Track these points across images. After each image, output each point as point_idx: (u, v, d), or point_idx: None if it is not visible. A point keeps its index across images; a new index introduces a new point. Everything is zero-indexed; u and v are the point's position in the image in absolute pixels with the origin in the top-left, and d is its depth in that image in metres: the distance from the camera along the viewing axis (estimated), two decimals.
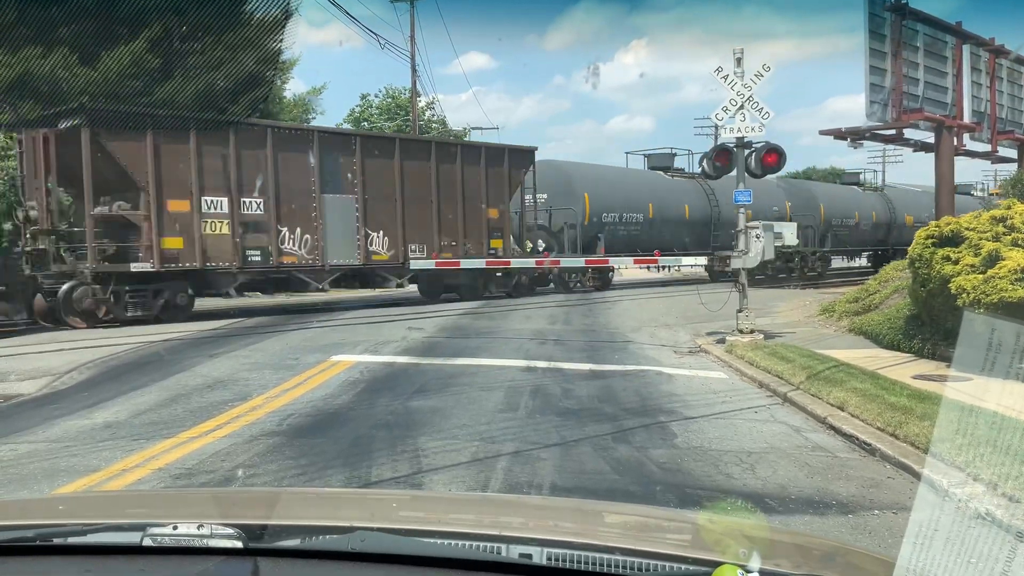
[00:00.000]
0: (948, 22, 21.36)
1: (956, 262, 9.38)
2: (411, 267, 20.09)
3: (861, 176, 38.83)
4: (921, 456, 5.56)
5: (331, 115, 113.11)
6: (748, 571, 1.38)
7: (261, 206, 17.59)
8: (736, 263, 12.26)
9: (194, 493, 4.00)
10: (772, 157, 12.19)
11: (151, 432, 7.03)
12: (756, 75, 11.82)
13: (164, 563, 1.53)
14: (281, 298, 22.47)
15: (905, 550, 1.64)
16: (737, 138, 12.09)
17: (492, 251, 22.03)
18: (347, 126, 52.74)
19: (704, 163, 12.56)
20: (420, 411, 7.71)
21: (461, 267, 20.65)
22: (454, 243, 21.24)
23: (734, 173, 12.39)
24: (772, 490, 5.28)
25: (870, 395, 7.31)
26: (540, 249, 24.16)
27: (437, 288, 21.86)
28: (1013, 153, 25.16)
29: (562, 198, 24.50)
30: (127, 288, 15.99)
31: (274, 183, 17.70)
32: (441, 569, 1.50)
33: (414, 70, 33.64)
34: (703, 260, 14.79)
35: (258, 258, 17.63)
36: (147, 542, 1.54)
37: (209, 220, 16.79)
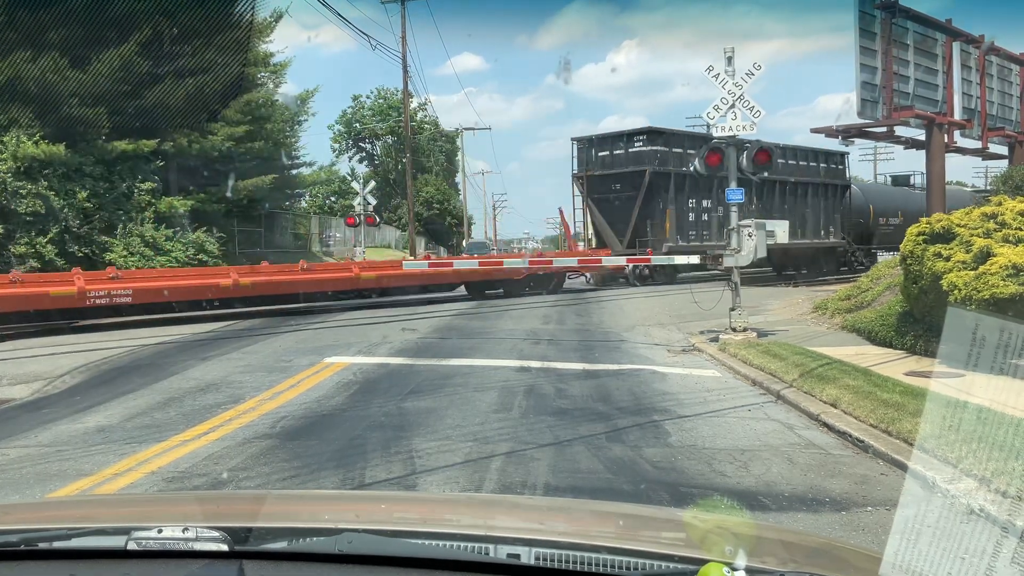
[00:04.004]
0: (938, 19, 21.41)
1: (947, 259, 9.41)
2: None
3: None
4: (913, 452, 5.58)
5: (323, 117, 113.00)
6: (734, 569, 1.38)
7: None
8: (728, 261, 12.28)
9: (180, 496, 3.99)
10: (763, 156, 12.22)
11: (144, 436, 7.00)
12: (747, 74, 11.85)
13: (149, 567, 1.53)
14: None
15: (891, 545, 1.65)
16: (729, 136, 12.11)
17: None
18: (339, 127, 52.67)
19: (696, 162, 12.56)
20: (414, 412, 7.70)
21: None
22: None
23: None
24: (765, 488, 5.29)
25: (863, 392, 7.32)
26: None
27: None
28: (1004, 150, 25.23)
29: None
30: None
31: None
32: (429, 570, 1.50)
33: (405, 71, 33.58)
34: (695, 259, 14.79)
35: None
36: (132, 546, 1.53)
37: None
